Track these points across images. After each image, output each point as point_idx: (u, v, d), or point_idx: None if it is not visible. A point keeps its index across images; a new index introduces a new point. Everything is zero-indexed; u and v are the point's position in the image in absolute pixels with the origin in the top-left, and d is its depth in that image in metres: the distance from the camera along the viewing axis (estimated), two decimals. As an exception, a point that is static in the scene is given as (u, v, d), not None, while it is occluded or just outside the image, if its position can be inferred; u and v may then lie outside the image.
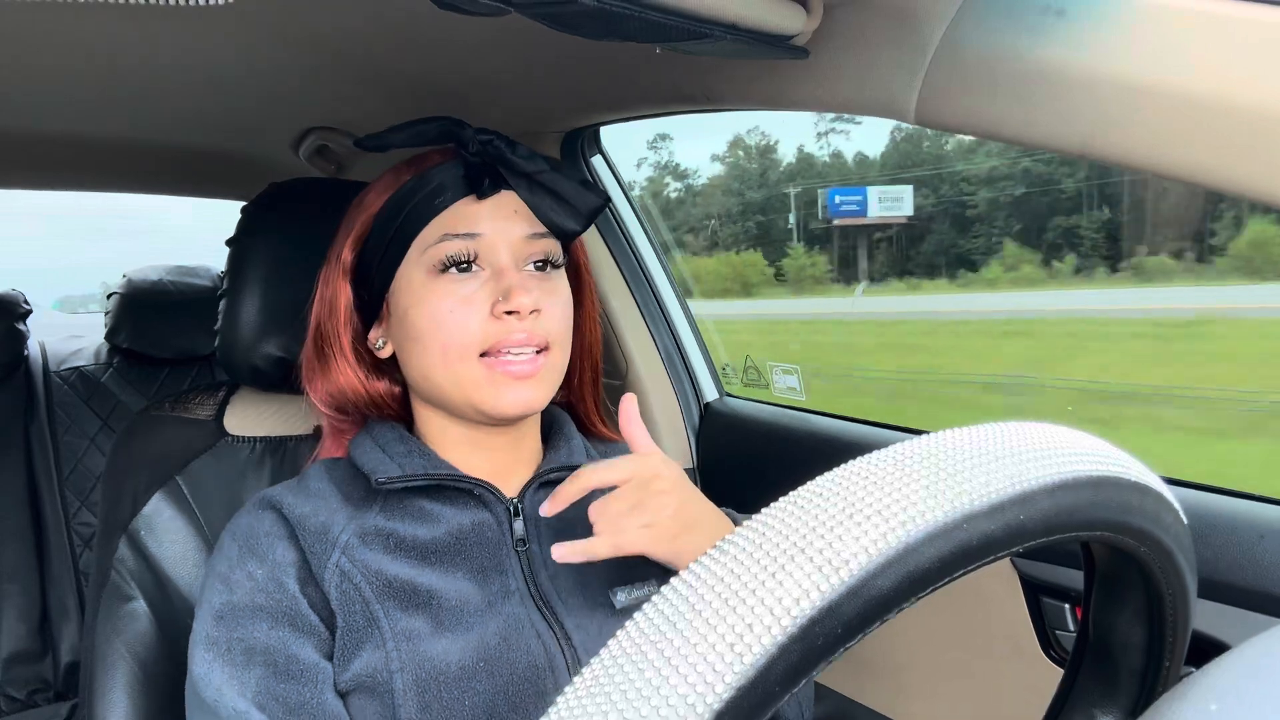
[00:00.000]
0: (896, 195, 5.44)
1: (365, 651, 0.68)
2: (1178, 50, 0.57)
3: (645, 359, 1.30)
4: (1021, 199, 7.90)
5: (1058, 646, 0.88)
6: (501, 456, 0.79)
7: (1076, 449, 0.31)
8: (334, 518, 0.73)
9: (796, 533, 0.27)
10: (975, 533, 0.28)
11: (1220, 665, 0.31)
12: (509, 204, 0.74)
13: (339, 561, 0.70)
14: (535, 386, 0.73)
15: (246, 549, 0.72)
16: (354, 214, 0.78)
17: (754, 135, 10.26)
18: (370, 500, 0.75)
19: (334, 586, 0.70)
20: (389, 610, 0.69)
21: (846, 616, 0.26)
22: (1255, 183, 0.56)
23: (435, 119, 0.75)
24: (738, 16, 0.64)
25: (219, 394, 0.95)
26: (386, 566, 0.70)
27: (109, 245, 31.66)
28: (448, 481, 0.75)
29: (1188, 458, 3.06)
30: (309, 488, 0.76)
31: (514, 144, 0.74)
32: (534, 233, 0.75)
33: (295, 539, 0.72)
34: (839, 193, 3.98)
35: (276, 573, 0.70)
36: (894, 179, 8.36)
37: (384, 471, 0.74)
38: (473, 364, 0.72)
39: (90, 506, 1.77)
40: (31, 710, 1.65)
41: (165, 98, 1.13)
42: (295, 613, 0.69)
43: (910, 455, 0.30)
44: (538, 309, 0.72)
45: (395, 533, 0.72)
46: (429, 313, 0.73)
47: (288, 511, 0.73)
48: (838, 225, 6.98)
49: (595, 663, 0.26)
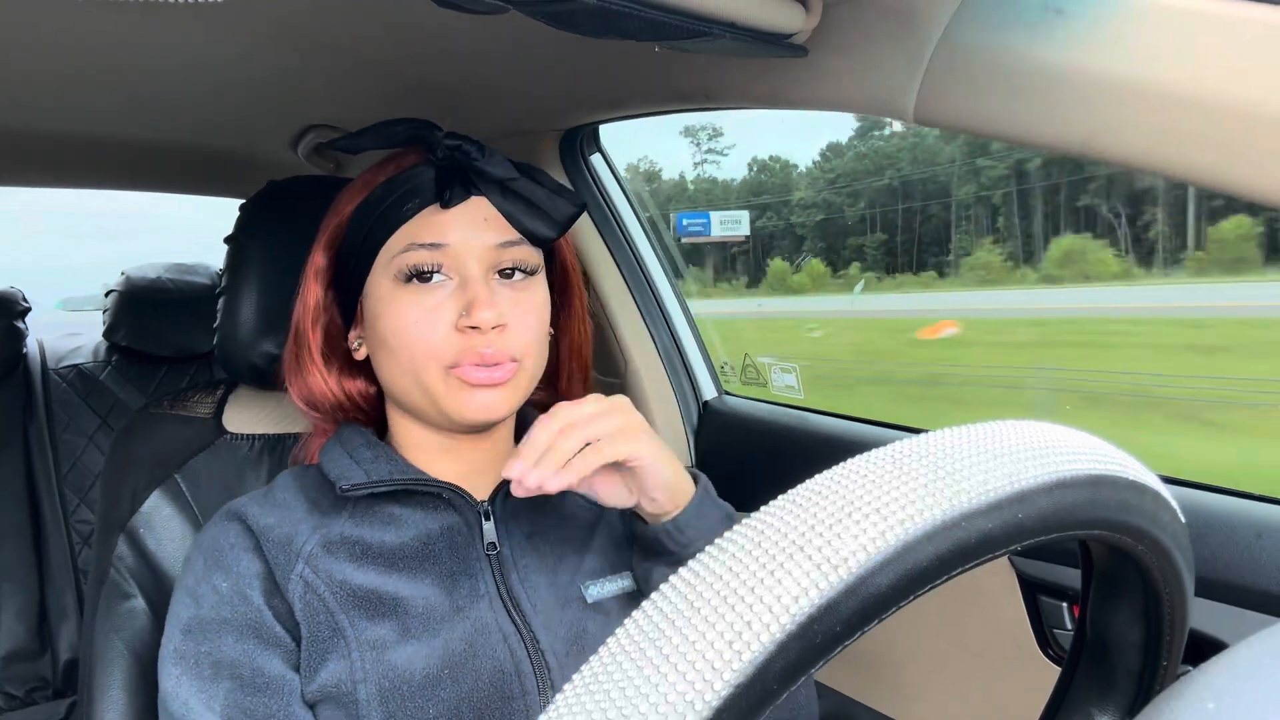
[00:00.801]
0: (735, 218, 6.60)
1: (331, 662, 0.67)
2: (1177, 49, 0.57)
3: (644, 357, 1.30)
4: (824, 222, 10.17)
5: (1055, 645, 0.89)
6: (473, 460, 0.78)
7: (1075, 448, 0.31)
8: (298, 528, 0.72)
9: (795, 530, 0.27)
10: (973, 531, 0.28)
11: (1218, 664, 0.32)
12: (479, 211, 0.72)
13: (302, 572, 0.70)
14: (502, 394, 0.71)
15: (212, 562, 0.71)
16: (329, 216, 0.78)
17: (644, 162, 11.78)
18: (339, 507, 0.74)
19: (298, 598, 0.69)
20: (354, 619, 0.68)
21: (845, 614, 0.26)
22: (1253, 182, 0.56)
23: (404, 120, 0.74)
24: (737, 14, 0.64)
25: (218, 392, 0.95)
26: (351, 575, 0.70)
27: (112, 245, 31.57)
28: (415, 486, 0.73)
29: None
30: (275, 498, 0.75)
31: (484, 148, 0.72)
32: (505, 240, 0.73)
33: (259, 550, 0.71)
34: (685, 216, 4.64)
35: (241, 585, 0.69)
36: (748, 203, 10.59)
37: (348, 478, 0.72)
38: (438, 374, 0.71)
39: (89, 504, 1.77)
40: (30, 708, 1.65)
41: (163, 96, 1.13)
42: (260, 625, 0.68)
43: (909, 454, 0.30)
44: (502, 324, 0.70)
45: (362, 540, 0.72)
46: (394, 323, 0.71)
47: (252, 523, 0.72)
48: (713, 241, 8.28)
49: (594, 660, 0.26)
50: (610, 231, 1.30)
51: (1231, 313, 5.51)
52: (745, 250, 9.76)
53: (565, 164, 1.27)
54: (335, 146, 0.77)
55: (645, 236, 1.33)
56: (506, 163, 0.73)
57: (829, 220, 10.09)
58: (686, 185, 12.15)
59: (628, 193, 1.33)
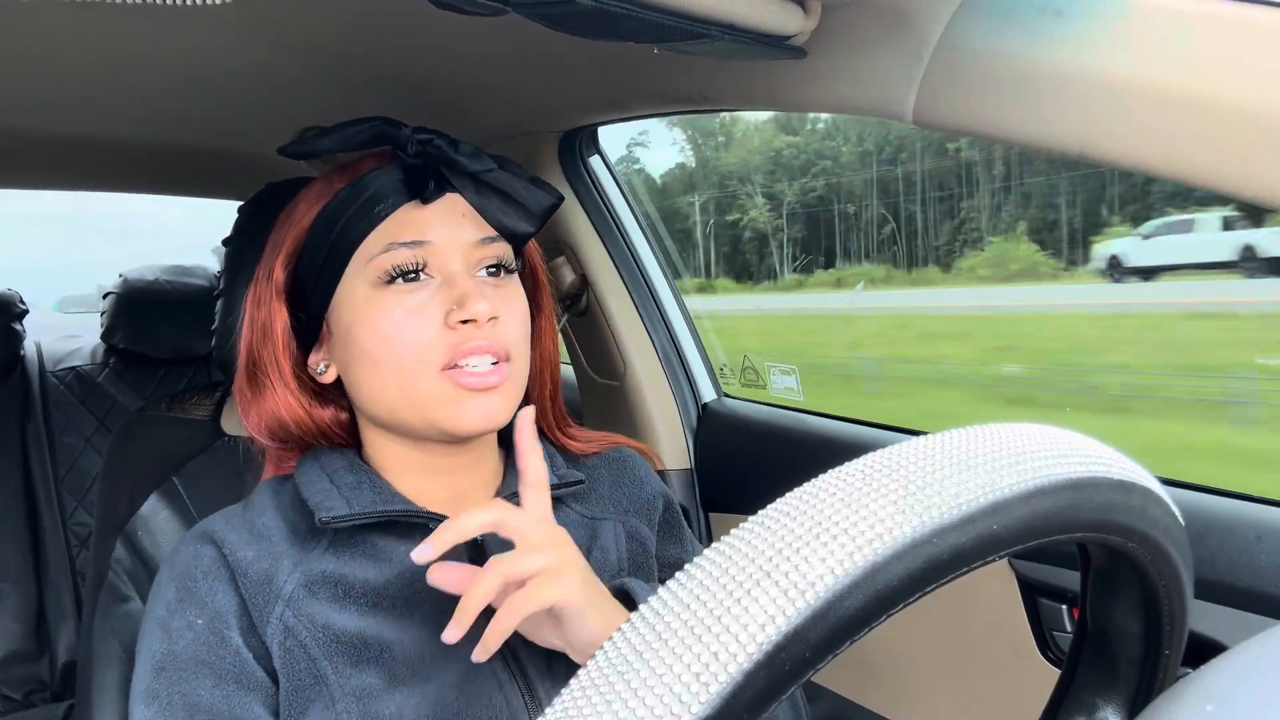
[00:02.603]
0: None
1: (313, 712, 0.63)
2: (1176, 50, 0.57)
3: (643, 359, 1.30)
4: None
5: (1055, 647, 0.88)
6: (459, 481, 0.74)
7: (1055, 451, 0.31)
8: (278, 564, 0.67)
9: (763, 555, 0.27)
10: (945, 547, 0.27)
11: (1217, 666, 0.31)
12: (456, 207, 0.70)
13: (283, 615, 0.65)
14: (499, 399, 0.68)
15: (185, 592, 0.67)
16: (282, 229, 0.73)
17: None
18: (317, 536, 0.69)
19: (277, 644, 0.65)
20: (338, 666, 0.64)
21: (813, 640, 0.26)
22: (1253, 183, 0.56)
23: (368, 119, 0.71)
24: (735, 16, 0.64)
25: (215, 394, 0.95)
26: (334, 619, 0.65)
27: (108, 247, 31.30)
28: (400, 517, 0.69)
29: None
30: (254, 524, 0.70)
31: (456, 142, 0.70)
32: (484, 237, 0.70)
33: (235, 583, 0.67)
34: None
35: (217, 624, 0.65)
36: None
37: (329, 508, 0.67)
38: (431, 380, 0.67)
39: (87, 507, 1.76)
40: (28, 710, 1.65)
41: (162, 98, 1.13)
42: (240, 669, 0.64)
43: (879, 467, 0.29)
44: (496, 316, 0.67)
45: (344, 579, 0.67)
46: (376, 329, 0.67)
47: (228, 552, 0.68)
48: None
49: (565, 693, 0.26)
50: (609, 233, 1.30)
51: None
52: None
53: (564, 165, 1.27)
54: (284, 153, 0.73)
55: (644, 238, 1.34)
56: (480, 154, 0.70)
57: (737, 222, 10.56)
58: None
59: (626, 194, 1.33)
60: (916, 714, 1.04)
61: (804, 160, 9.60)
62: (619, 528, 0.77)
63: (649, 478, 0.83)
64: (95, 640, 0.85)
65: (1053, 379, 5.11)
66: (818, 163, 9.51)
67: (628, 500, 0.80)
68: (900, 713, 1.05)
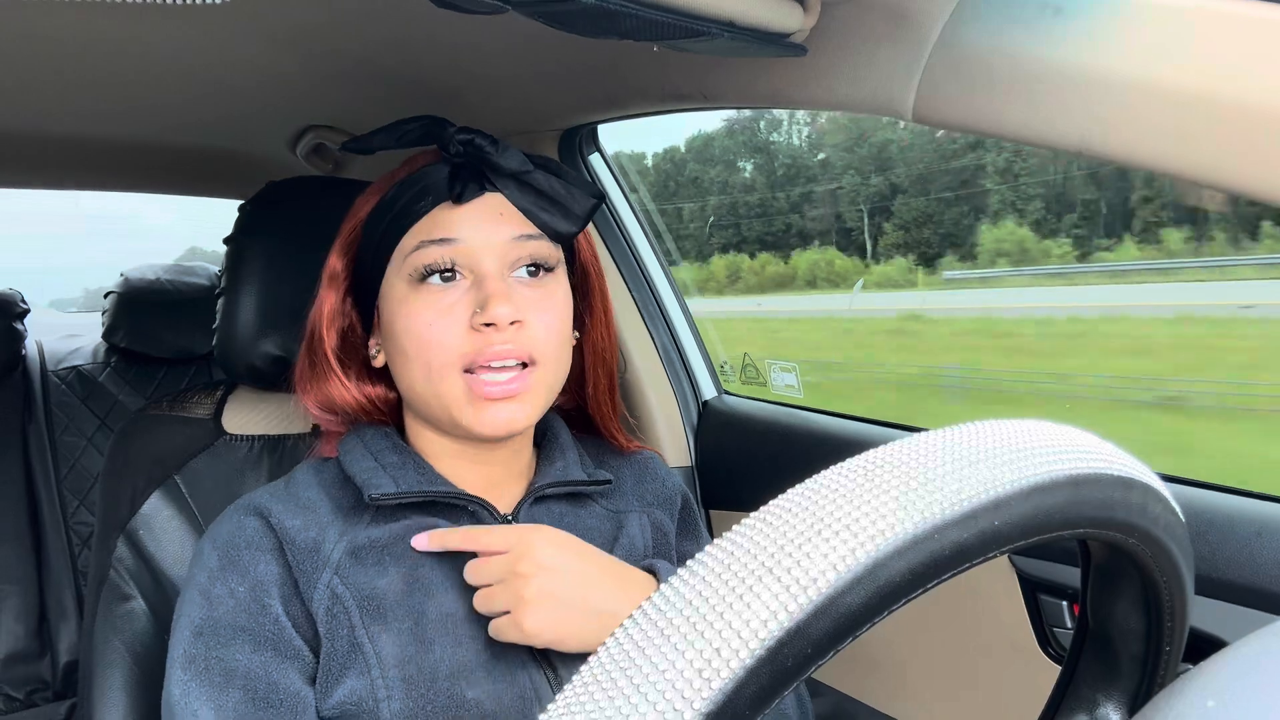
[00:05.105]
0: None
1: (350, 678, 0.65)
2: (1175, 48, 0.57)
3: (644, 357, 1.30)
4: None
5: (1055, 644, 0.89)
6: (495, 471, 0.76)
7: (1056, 447, 0.31)
8: (325, 533, 0.70)
9: (765, 551, 0.27)
10: (947, 543, 0.27)
11: (1217, 662, 0.31)
12: (494, 206, 0.71)
13: (330, 582, 0.67)
14: (519, 407, 0.69)
15: (227, 560, 0.68)
16: (346, 220, 0.76)
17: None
18: (361, 510, 0.72)
19: (323, 609, 0.67)
20: (374, 635, 0.66)
21: (815, 636, 0.26)
22: (1253, 181, 0.56)
23: (417, 119, 0.72)
24: (735, 14, 0.64)
25: (217, 393, 0.95)
26: (378, 585, 0.68)
27: (104, 246, 31.38)
28: (442, 498, 0.72)
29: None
30: (298, 496, 0.73)
31: (497, 143, 0.71)
32: (522, 234, 0.71)
33: (281, 552, 0.68)
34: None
35: (259, 592, 0.67)
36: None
37: (377, 485, 0.70)
38: (454, 380, 0.69)
39: (88, 506, 1.76)
40: (30, 710, 1.65)
41: (162, 97, 1.13)
42: (279, 637, 0.66)
43: (882, 463, 0.29)
44: (519, 320, 0.68)
45: (388, 548, 0.70)
46: (409, 326, 0.70)
47: (275, 522, 0.70)
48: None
49: (568, 689, 0.26)
50: (609, 231, 1.30)
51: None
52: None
53: (564, 163, 1.27)
54: (346, 148, 0.76)
55: (644, 236, 1.34)
56: (521, 156, 0.71)
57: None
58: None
59: (626, 192, 1.33)
60: (917, 710, 1.04)
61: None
62: (644, 519, 0.81)
63: (669, 475, 0.88)
64: (97, 640, 0.86)
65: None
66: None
67: (651, 495, 0.84)
68: (901, 709, 1.05)
